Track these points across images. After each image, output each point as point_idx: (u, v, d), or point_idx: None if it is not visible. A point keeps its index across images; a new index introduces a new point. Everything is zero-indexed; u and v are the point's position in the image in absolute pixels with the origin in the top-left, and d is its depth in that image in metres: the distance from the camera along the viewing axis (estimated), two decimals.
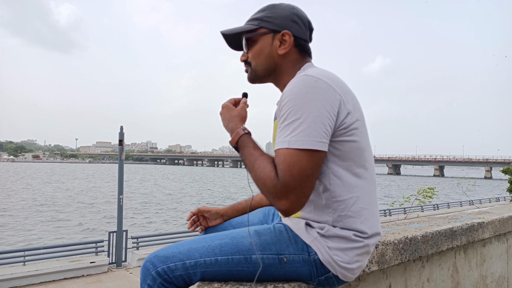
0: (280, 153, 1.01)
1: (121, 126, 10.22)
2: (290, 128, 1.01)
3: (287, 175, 0.97)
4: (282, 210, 1.00)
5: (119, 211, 10.06)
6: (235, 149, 1.15)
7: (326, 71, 1.13)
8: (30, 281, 8.25)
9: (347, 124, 1.07)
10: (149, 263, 1.12)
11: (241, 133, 1.14)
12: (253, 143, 1.11)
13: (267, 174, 0.99)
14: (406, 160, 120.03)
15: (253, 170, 1.04)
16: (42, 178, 60.68)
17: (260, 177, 1.01)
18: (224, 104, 1.25)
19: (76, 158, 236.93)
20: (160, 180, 60.43)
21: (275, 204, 1.00)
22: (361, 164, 1.11)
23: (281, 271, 1.10)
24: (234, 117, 1.20)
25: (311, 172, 1.00)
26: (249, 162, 1.06)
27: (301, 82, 1.05)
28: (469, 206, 22.56)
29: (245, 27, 1.23)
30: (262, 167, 1.01)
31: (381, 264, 1.43)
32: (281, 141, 1.02)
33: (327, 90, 1.04)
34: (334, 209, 1.08)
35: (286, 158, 0.99)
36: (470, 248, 2.10)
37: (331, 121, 1.03)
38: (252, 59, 1.24)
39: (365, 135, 1.14)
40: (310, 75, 1.06)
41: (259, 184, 1.02)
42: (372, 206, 1.14)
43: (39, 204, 26.83)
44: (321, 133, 1.00)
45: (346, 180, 1.08)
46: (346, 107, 1.07)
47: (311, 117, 1.00)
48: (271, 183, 0.98)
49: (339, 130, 1.06)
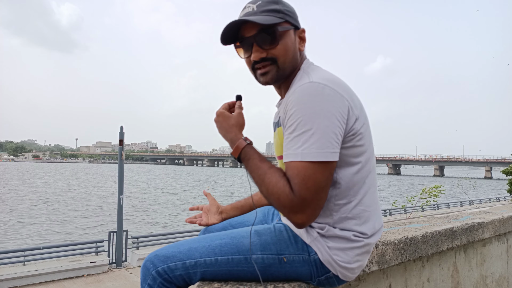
0: (293, 166, 0.98)
1: (121, 126, 10.23)
2: (301, 140, 0.98)
3: (303, 189, 0.95)
4: (298, 224, 0.99)
5: (119, 211, 10.05)
6: (237, 160, 1.11)
7: (329, 74, 1.10)
8: (30, 281, 8.25)
9: (356, 130, 1.05)
10: (149, 262, 1.12)
11: (243, 144, 1.09)
12: (258, 154, 1.07)
13: (281, 189, 0.97)
14: (406, 160, 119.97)
15: (264, 185, 1.01)
16: (42, 178, 60.65)
17: (273, 192, 0.98)
18: (219, 112, 1.17)
19: (76, 158, 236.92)
20: (167, 180, 60.28)
21: (290, 218, 0.98)
22: (364, 167, 1.10)
23: (281, 271, 1.10)
24: (232, 126, 1.14)
25: (325, 184, 0.99)
26: (257, 175, 1.03)
27: (307, 90, 1.01)
28: (469, 206, 22.55)
29: (271, 19, 1.08)
30: (274, 182, 0.99)
31: (381, 264, 1.43)
32: (293, 153, 0.99)
33: (334, 97, 1.01)
34: (335, 212, 1.08)
35: (300, 171, 0.96)
36: (470, 248, 2.10)
37: (341, 129, 1.01)
38: (280, 56, 1.11)
39: (370, 137, 1.13)
40: (315, 82, 1.03)
41: (272, 198, 0.99)
42: (373, 208, 1.14)
43: (42, 203, 26.85)
44: (333, 143, 0.99)
45: (348, 183, 1.08)
46: (355, 113, 1.05)
47: (322, 127, 0.97)
48: (286, 198, 0.96)
49: (348, 137, 1.05)
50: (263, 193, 1.02)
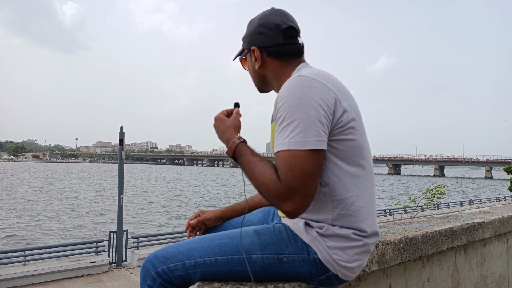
0: (280, 155, 1.00)
1: (121, 126, 10.25)
2: (288, 130, 1.00)
3: (289, 177, 0.97)
4: (288, 212, 0.99)
5: (119, 211, 10.07)
6: (232, 159, 1.13)
7: (320, 70, 1.13)
8: (30, 281, 8.27)
9: (344, 122, 1.07)
10: (148, 263, 1.12)
11: (237, 142, 1.13)
12: (250, 150, 1.10)
13: (268, 178, 0.99)
14: (406, 160, 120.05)
15: (254, 177, 1.03)
16: (43, 178, 60.71)
17: (262, 182, 1.00)
18: (217, 116, 1.24)
19: (76, 158, 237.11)
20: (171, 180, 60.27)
21: (280, 207, 0.99)
22: (360, 163, 1.11)
23: (281, 271, 1.10)
24: (228, 127, 1.19)
25: (313, 171, 0.99)
26: (248, 169, 1.05)
27: (295, 83, 1.05)
28: (469, 206, 22.57)
29: (239, 50, 1.33)
30: (262, 172, 1.01)
31: (381, 264, 1.43)
32: (280, 143, 1.01)
33: (321, 88, 1.04)
34: (334, 208, 1.08)
35: (287, 159, 0.98)
36: (470, 248, 2.10)
37: (328, 119, 1.03)
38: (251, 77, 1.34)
39: (363, 133, 1.14)
40: (304, 76, 1.07)
41: (261, 189, 1.01)
42: (371, 205, 1.14)
43: (42, 203, 26.86)
44: (319, 131, 1.00)
45: (345, 179, 1.08)
46: (342, 105, 1.06)
47: (308, 117, 1.00)
48: (273, 186, 0.98)
49: (336, 129, 1.06)
50: (254, 185, 1.04)
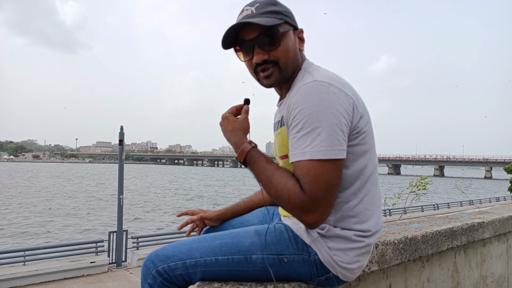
0: (302, 165, 0.98)
1: (121, 126, 10.24)
2: (309, 138, 0.97)
3: (314, 188, 0.95)
4: (311, 224, 0.98)
5: (119, 211, 10.06)
6: (243, 164, 1.09)
7: (331, 73, 1.10)
8: (30, 281, 8.26)
9: (360, 128, 1.05)
10: (149, 262, 1.12)
11: (248, 147, 1.08)
12: (264, 157, 1.07)
13: (290, 189, 0.97)
14: (406, 160, 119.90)
15: (272, 187, 1.00)
16: (42, 177, 60.66)
17: (282, 193, 0.98)
18: (225, 115, 1.17)
19: (76, 158, 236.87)
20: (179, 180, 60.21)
21: (303, 219, 0.98)
22: (366, 165, 1.10)
23: (281, 271, 1.10)
24: (237, 130, 1.13)
25: (336, 181, 0.99)
26: (265, 177, 1.03)
27: (312, 89, 1.01)
28: (469, 206, 22.54)
29: (272, 20, 1.08)
30: (283, 183, 0.98)
31: (381, 264, 1.43)
32: (300, 152, 0.98)
33: (339, 95, 1.01)
34: (337, 210, 1.08)
35: (310, 170, 0.96)
36: (470, 248, 2.10)
37: (347, 127, 1.01)
38: (281, 57, 1.10)
39: (372, 136, 1.13)
40: (320, 81, 1.03)
41: (282, 200, 0.99)
42: (375, 207, 1.14)
43: (42, 203, 26.84)
44: (341, 140, 0.99)
45: (350, 182, 1.08)
46: (359, 111, 1.05)
47: (330, 125, 0.97)
48: (297, 198, 0.96)
49: (353, 135, 1.05)
50: (272, 195, 1.01)
